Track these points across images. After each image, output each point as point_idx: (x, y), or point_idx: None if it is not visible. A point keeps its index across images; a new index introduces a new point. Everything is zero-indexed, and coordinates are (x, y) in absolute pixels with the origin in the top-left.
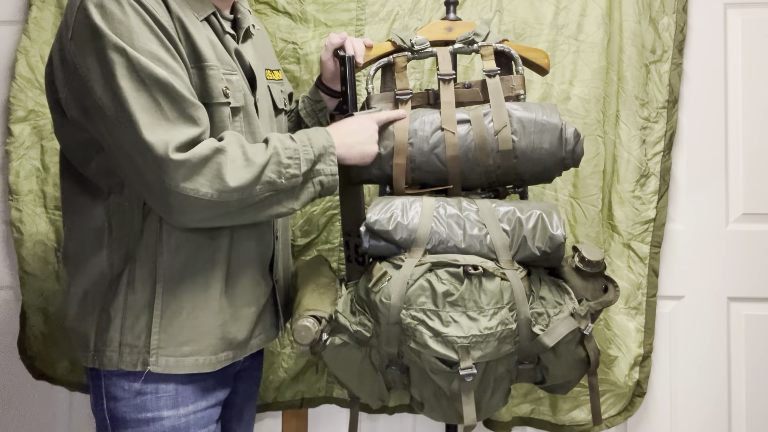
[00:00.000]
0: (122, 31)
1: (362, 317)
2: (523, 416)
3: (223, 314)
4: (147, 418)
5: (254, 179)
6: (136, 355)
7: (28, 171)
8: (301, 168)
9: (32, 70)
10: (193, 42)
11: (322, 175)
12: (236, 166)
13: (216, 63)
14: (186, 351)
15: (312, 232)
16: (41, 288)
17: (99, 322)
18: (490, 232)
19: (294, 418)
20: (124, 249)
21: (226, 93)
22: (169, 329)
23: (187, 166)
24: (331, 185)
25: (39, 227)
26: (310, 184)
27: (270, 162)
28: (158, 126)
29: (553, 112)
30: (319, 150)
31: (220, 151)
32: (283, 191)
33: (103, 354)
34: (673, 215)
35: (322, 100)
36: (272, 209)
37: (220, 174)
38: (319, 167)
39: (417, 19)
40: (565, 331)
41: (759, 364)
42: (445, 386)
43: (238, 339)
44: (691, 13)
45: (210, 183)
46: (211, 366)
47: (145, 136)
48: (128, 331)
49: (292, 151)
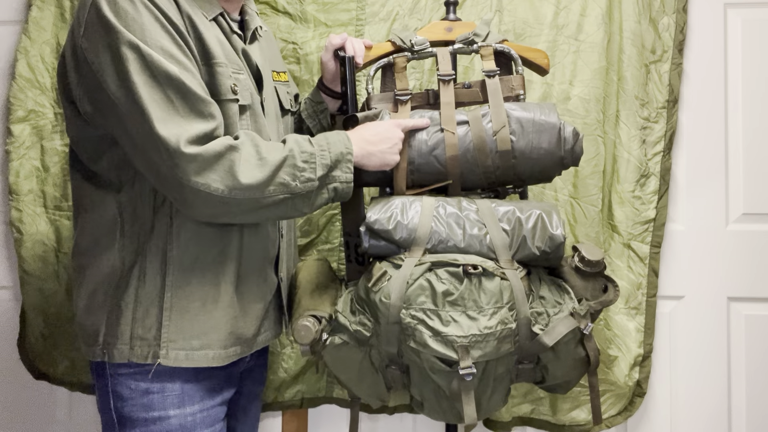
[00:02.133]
0: (134, 28)
1: (362, 317)
2: (523, 416)
3: (232, 309)
4: (154, 417)
5: (267, 179)
6: (147, 348)
7: (28, 171)
8: (317, 172)
9: (32, 70)
10: (203, 40)
11: (337, 182)
12: (249, 165)
13: (225, 61)
14: (196, 345)
15: (312, 232)
16: (41, 288)
17: (110, 316)
18: (489, 232)
19: (294, 418)
20: (135, 243)
21: (234, 90)
22: (179, 323)
23: (199, 160)
24: (345, 192)
25: (39, 227)
26: (324, 190)
27: (285, 164)
28: (171, 120)
29: (551, 112)
30: (337, 156)
31: (234, 148)
32: (298, 195)
33: (113, 347)
34: (673, 215)
35: (323, 102)
36: (284, 211)
37: (232, 171)
38: (335, 173)
39: (417, 19)
40: (564, 331)
41: (759, 364)
42: (445, 386)
43: (246, 334)
44: (691, 13)
45: (222, 179)
46: (220, 360)
47: (158, 130)
48: (139, 324)
49: (308, 155)
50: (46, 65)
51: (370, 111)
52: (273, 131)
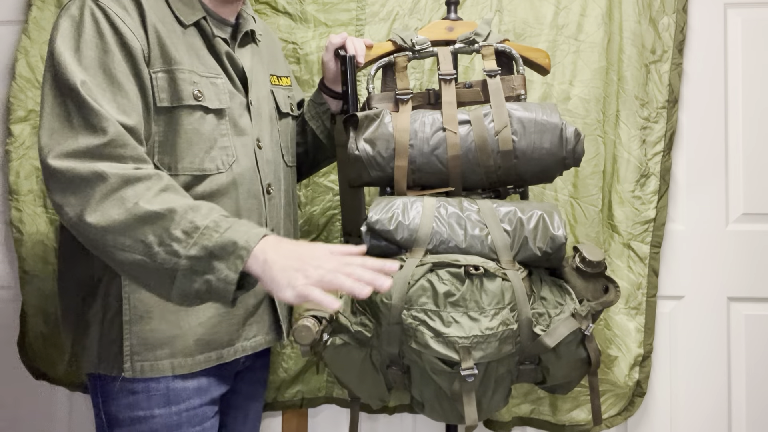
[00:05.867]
0: (71, 36)
1: (363, 317)
2: (523, 416)
3: (197, 316)
4: (139, 417)
5: (123, 227)
6: (111, 362)
7: (28, 171)
8: (188, 250)
9: (32, 70)
10: (166, 47)
11: (213, 276)
12: (109, 203)
13: (189, 67)
14: (160, 355)
15: (312, 232)
16: (41, 288)
17: (77, 328)
18: (491, 233)
19: (294, 418)
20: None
21: (196, 96)
22: (140, 334)
23: (60, 179)
24: (221, 292)
25: (39, 227)
26: (195, 277)
27: (157, 221)
28: (57, 131)
29: (553, 112)
30: (225, 244)
31: (102, 178)
32: (159, 267)
33: (82, 358)
34: (673, 215)
35: (325, 102)
36: (139, 279)
37: (85, 201)
38: (216, 264)
39: (417, 19)
40: (566, 332)
41: (759, 364)
42: (446, 386)
43: (218, 340)
44: (691, 13)
45: (73, 206)
46: (187, 368)
47: (41, 138)
48: (105, 338)
49: (192, 227)
50: None
51: (371, 111)
52: (266, 133)
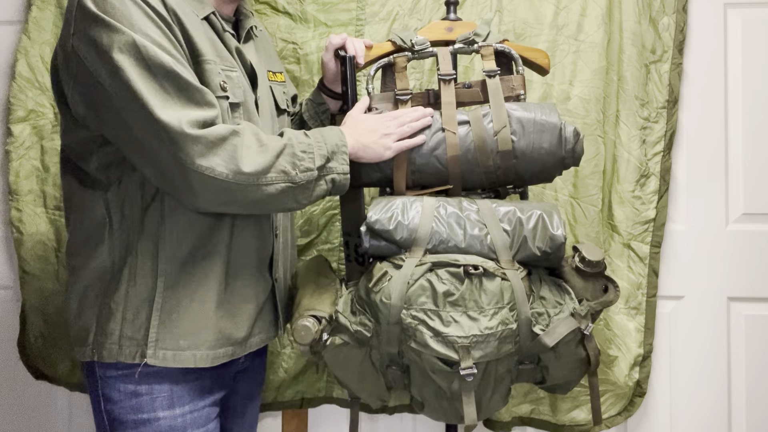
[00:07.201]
0: (123, 21)
1: (362, 317)
2: (523, 416)
3: (220, 309)
4: (143, 419)
5: (268, 165)
6: (135, 347)
7: (28, 171)
8: (315, 162)
9: (32, 70)
10: (190, 37)
11: (335, 173)
12: (251, 151)
13: (213, 58)
14: (183, 345)
15: (312, 232)
16: (41, 288)
17: (100, 315)
18: (490, 232)
19: (294, 418)
20: (125, 242)
21: (223, 87)
22: (167, 323)
23: (202, 142)
24: (343, 183)
25: (39, 227)
26: (323, 181)
27: (284, 152)
28: (170, 107)
29: (552, 112)
30: (332, 147)
31: (237, 133)
32: (298, 185)
33: (102, 346)
34: (673, 215)
35: (325, 102)
36: (284, 201)
37: (235, 155)
38: (331, 164)
39: (417, 19)
40: (565, 331)
41: (759, 364)
42: (446, 386)
43: (236, 336)
44: (691, 13)
45: (225, 163)
46: (208, 361)
47: (158, 115)
48: (129, 324)
49: (306, 145)
50: (46, 65)
51: (371, 111)
52: (268, 130)
